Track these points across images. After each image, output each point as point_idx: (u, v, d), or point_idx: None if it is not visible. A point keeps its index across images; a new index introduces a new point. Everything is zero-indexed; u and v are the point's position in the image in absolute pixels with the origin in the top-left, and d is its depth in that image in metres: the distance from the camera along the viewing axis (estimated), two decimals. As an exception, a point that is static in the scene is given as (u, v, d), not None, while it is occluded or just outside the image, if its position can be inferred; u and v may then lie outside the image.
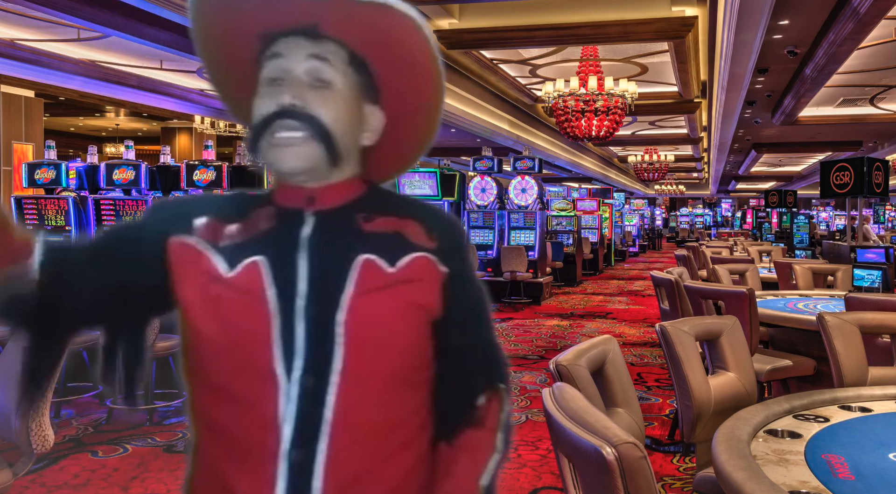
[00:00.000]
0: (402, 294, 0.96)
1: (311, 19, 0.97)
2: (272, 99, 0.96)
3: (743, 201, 38.37)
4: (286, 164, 0.95)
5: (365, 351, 0.93)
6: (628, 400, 2.05)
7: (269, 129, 0.94)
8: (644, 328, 8.34)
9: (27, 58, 9.56)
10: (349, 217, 0.99)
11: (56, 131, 17.42)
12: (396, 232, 0.99)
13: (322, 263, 0.95)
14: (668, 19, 8.93)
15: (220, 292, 0.94)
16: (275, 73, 0.97)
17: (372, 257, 0.96)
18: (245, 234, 0.98)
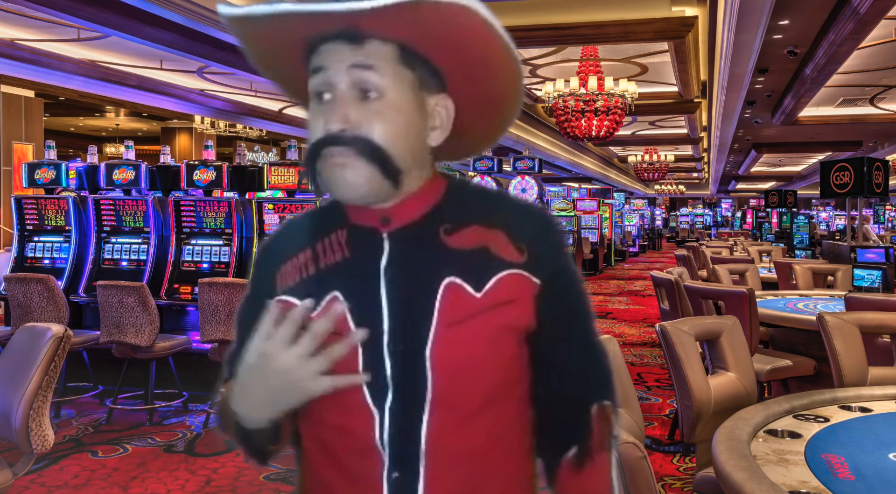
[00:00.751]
0: (492, 320, 0.90)
1: (349, 22, 0.86)
2: (319, 120, 0.90)
3: (743, 201, 38.38)
4: (341, 192, 0.90)
5: (454, 381, 0.89)
6: (628, 400, 2.06)
7: (319, 156, 0.89)
8: (644, 328, 8.34)
9: (27, 58, 9.56)
10: (429, 233, 0.93)
11: (56, 131, 17.42)
12: (482, 247, 0.92)
13: (404, 293, 0.90)
14: (668, 19, 8.93)
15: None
16: (319, 87, 0.90)
17: (457, 281, 0.90)
18: (321, 262, 0.94)
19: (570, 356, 0.98)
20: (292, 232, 1.01)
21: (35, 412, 2.30)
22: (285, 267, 0.97)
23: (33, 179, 5.91)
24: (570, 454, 0.98)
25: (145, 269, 5.41)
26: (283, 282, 0.96)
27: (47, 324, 2.43)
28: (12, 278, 4.89)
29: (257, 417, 0.90)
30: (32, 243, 5.81)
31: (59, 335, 2.36)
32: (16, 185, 11.10)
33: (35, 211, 5.82)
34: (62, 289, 5.06)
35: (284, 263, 0.97)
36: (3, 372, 2.41)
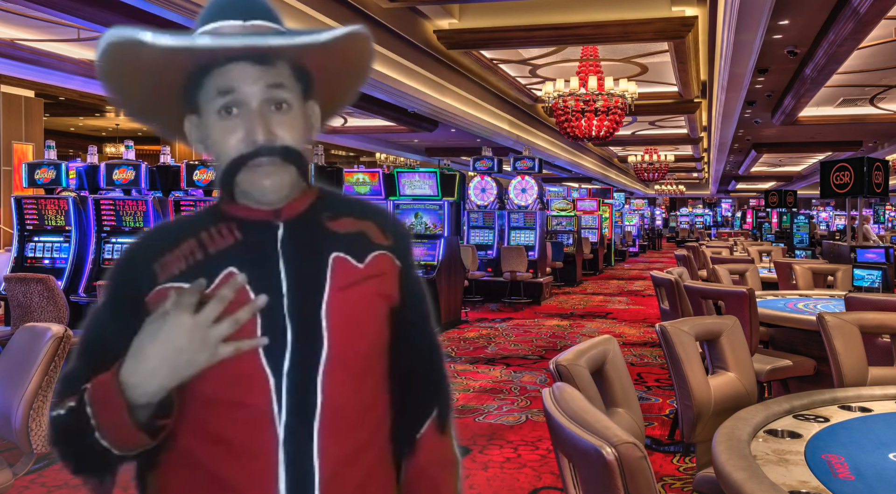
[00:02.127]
0: (372, 286, 1.05)
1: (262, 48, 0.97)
2: (234, 134, 0.97)
3: (743, 201, 38.38)
4: (272, 196, 0.99)
5: (346, 341, 1.00)
6: (628, 400, 2.05)
7: (244, 166, 0.97)
8: (644, 328, 8.34)
9: (27, 58, 9.56)
10: (315, 220, 1.05)
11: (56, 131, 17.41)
12: (359, 231, 1.07)
13: (300, 264, 1.00)
14: (668, 19, 8.93)
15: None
16: (229, 104, 0.97)
17: (343, 255, 1.03)
18: (206, 251, 1.00)
19: (422, 337, 1.14)
20: (161, 235, 1.05)
21: (35, 412, 2.30)
22: (163, 260, 1.00)
23: (33, 179, 5.92)
24: (433, 417, 1.13)
25: (145, 269, 5.41)
26: (165, 273, 0.99)
27: (47, 324, 2.43)
28: (12, 278, 4.89)
29: (154, 386, 0.90)
30: (32, 243, 5.81)
31: (59, 335, 2.36)
32: (16, 185, 11.10)
33: (35, 211, 5.82)
34: (62, 289, 5.07)
35: (160, 257, 1.00)
36: (3, 372, 2.41)
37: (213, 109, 0.98)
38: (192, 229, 1.02)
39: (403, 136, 17.76)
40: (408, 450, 1.12)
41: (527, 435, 4.22)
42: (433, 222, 8.47)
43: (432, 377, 1.15)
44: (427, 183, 8.59)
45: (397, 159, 21.19)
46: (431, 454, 1.12)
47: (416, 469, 1.12)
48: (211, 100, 0.98)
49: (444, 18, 9.58)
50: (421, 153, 21.15)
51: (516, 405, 4.93)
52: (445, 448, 1.14)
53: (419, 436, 1.12)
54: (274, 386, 0.96)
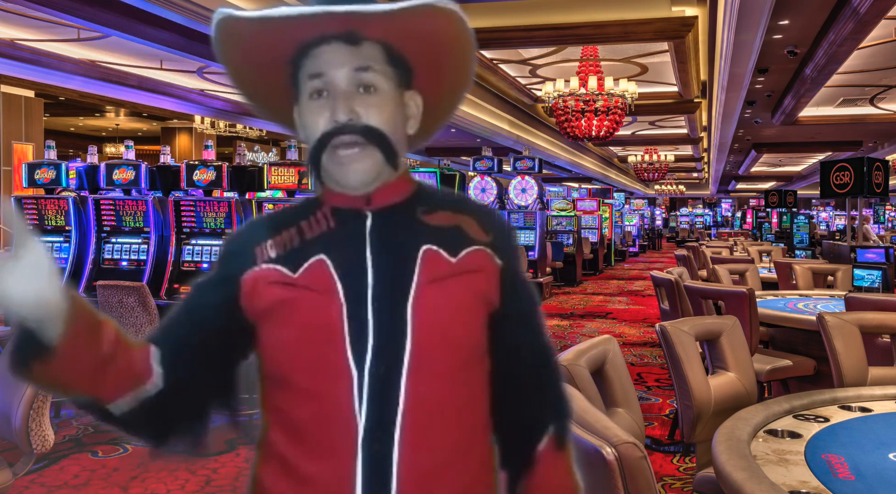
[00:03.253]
0: (466, 282, 0.99)
1: (352, 27, 0.97)
2: (322, 115, 0.97)
3: (743, 201, 38.37)
4: (353, 179, 0.98)
5: (433, 338, 0.95)
6: (628, 400, 2.06)
7: (327, 147, 0.96)
8: (644, 328, 8.34)
9: (27, 58, 9.56)
10: (409, 211, 1.02)
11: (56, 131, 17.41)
12: (455, 226, 1.02)
13: (388, 255, 0.98)
14: (668, 19, 8.93)
15: (289, 294, 0.97)
16: (320, 86, 0.98)
17: (435, 248, 0.99)
18: (303, 237, 1.00)
19: (531, 343, 1.07)
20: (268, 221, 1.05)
21: (35, 412, 2.30)
22: (266, 245, 1.01)
23: (33, 179, 5.91)
24: (550, 432, 1.05)
25: (145, 269, 5.41)
26: (263, 256, 1.00)
27: (47, 324, 2.42)
28: (12, 278, 4.88)
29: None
30: (32, 243, 5.81)
31: (59, 335, 2.36)
32: (16, 185, 11.09)
33: (35, 211, 5.82)
34: (62, 289, 5.06)
35: (263, 242, 1.01)
36: (3, 372, 2.41)
37: (305, 93, 0.99)
38: (294, 217, 1.03)
39: (403, 136, 17.73)
40: (524, 468, 1.06)
41: (527, 435, 4.22)
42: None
43: (547, 390, 1.08)
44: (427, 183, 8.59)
45: (397, 159, 21.15)
46: (551, 470, 1.06)
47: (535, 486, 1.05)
48: (304, 83, 0.99)
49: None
50: (421, 153, 21.15)
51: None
52: (565, 468, 1.07)
53: (537, 453, 1.05)
54: (357, 380, 0.93)
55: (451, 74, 1.06)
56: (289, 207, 1.07)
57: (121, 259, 5.58)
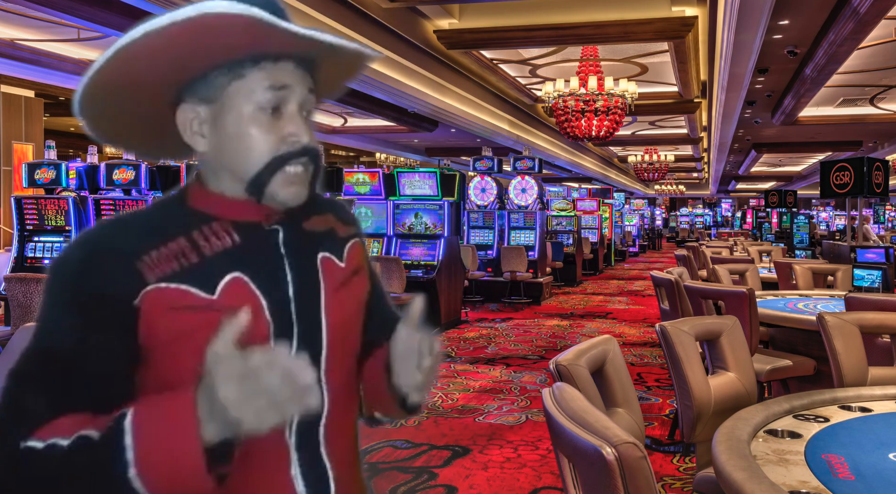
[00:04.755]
0: (356, 285, 1.07)
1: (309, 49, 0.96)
2: (271, 132, 0.94)
3: (743, 201, 38.37)
4: (297, 199, 0.97)
5: (341, 341, 1.02)
6: (628, 400, 2.05)
7: (282, 166, 0.94)
8: (644, 328, 8.34)
9: (27, 58, 9.56)
10: (296, 220, 1.02)
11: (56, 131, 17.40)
12: (329, 228, 1.07)
13: (299, 268, 0.99)
14: (668, 19, 8.93)
15: (206, 318, 0.88)
16: (275, 100, 0.95)
17: (327, 255, 1.03)
18: (201, 252, 0.92)
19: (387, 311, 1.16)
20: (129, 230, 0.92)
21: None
22: (146, 258, 0.89)
23: (33, 180, 5.92)
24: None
25: (145, 269, 5.40)
26: (153, 272, 0.88)
27: (47, 324, 2.42)
28: (12, 278, 4.89)
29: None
30: (32, 243, 5.81)
31: (59, 335, 2.36)
32: (16, 185, 11.09)
33: (35, 211, 5.82)
34: (62, 289, 5.06)
35: (140, 255, 0.89)
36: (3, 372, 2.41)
37: (252, 103, 0.93)
38: (169, 226, 0.93)
39: (403, 136, 17.76)
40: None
41: (527, 435, 4.22)
42: (433, 222, 8.47)
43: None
44: (427, 183, 8.60)
45: (397, 159, 21.19)
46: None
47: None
48: (252, 93, 0.93)
49: (444, 18, 9.57)
50: (421, 153, 21.15)
51: (516, 405, 4.93)
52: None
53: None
54: None
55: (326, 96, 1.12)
56: (143, 213, 0.96)
57: (121, 259, 5.57)
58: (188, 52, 0.91)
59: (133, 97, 0.96)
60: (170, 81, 0.95)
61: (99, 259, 0.88)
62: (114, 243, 0.90)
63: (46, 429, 0.82)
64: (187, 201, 0.98)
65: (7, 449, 0.81)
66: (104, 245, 0.90)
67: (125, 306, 0.88)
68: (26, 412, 0.84)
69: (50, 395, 0.85)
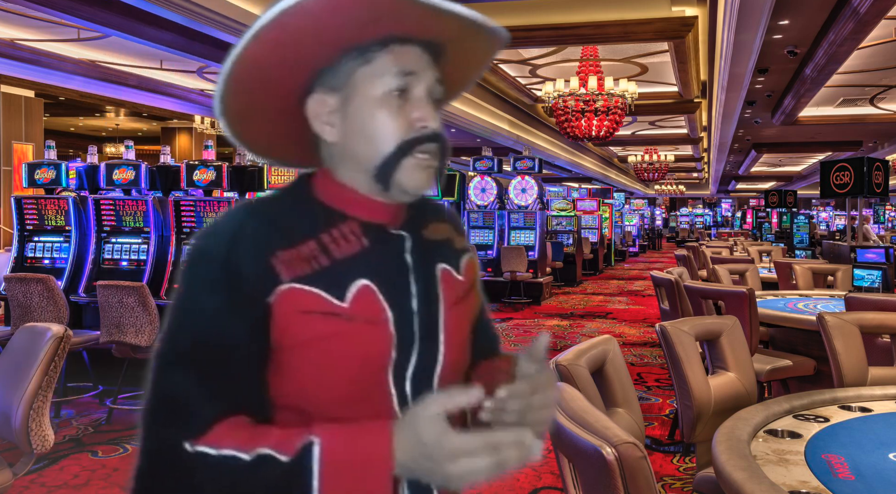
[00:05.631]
0: (471, 301, 1.03)
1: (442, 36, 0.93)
2: (399, 116, 0.91)
3: (743, 201, 38.37)
4: (423, 186, 0.94)
5: (455, 355, 0.98)
6: (628, 400, 2.06)
7: (411, 151, 0.91)
8: (644, 328, 8.34)
9: (27, 58, 9.56)
10: (418, 226, 0.99)
11: (56, 131, 17.42)
12: (447, 238, 1.03)
13: (422, 279, 0.95)
14: (668, 19, 8.93)
15: (337, 327, 0.87)
16: (403, 84, 0.92)
17: (447, 267, 0.99)
18: (331, 254, 0.90)
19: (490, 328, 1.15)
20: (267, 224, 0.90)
21: (35, 412, 2.30)
22: (281, 256, 0.87)
23: (33, 180, 5.91)
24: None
25: (145, 269, 5.41)
26: (287, 271, 0.87)
27: (47, 324, 2.43)
28: (12, 278, 4.89)
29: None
30: (32, 243, 5.81)
31: (59, 335, 2.36)
32: (16, 185, 11.10)
33: (35, 211, 5.82)
34: (62, 289, 5.06)
35: (276, 251, 0.87)
36: (3, 372, 2.41)
37: (379, 88, 0.91)
38: (301, 221, 0.91)
39: (403, 136, 17.74)
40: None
41: (527, 435, 4.22)
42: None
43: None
44: (427, 183, 8.59)
45: (397, 159, 21.17)
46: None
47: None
48: (380, 77, 0.91)
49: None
50: (421, 153, 21.13)
51: (516, 405, 4.92)
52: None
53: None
54: (397, 405, 0.91)
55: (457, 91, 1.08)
56: (273, 200, 0.94)
57: (121, 259, 5.58)
58: (323, 30, 0.88)
59: (267, 89, 0.93)
60: (301, 68, 0.92)
61: (240, 247, 0.87)
62: (254, 234, 0.88)
63: (213, 435, 0.82)
64: (315, 192, 0.95)
65: (174, 451, 0.81)
66: (244, 234, 0.88)
67: (261, 300, 0.86)
68: (186, 409, 0.83)
69: (206, 390, 0.84)
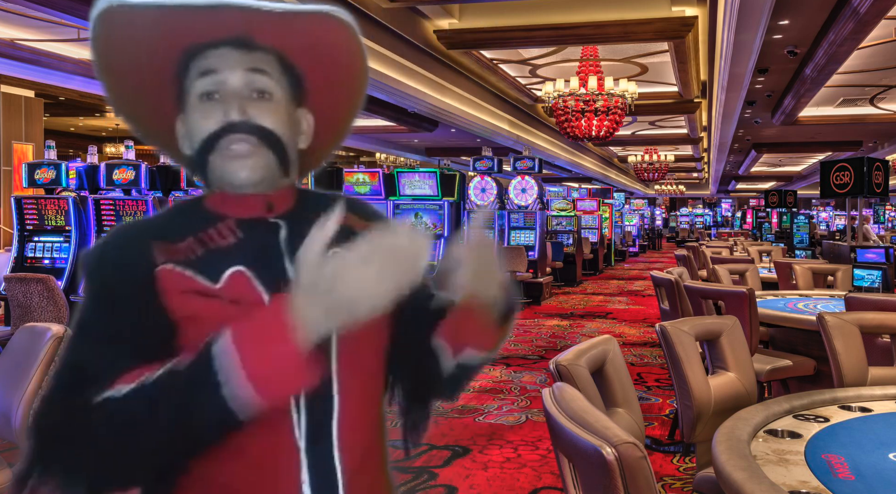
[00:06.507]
0: None
1: (245, 30, 0.96)
2: (211, 116, 0.95)
3: (743, 201, 38.37)
4: (241, 176, 0.96)
5: (353, 342, 0.97)
6: (628, 400, 2.06)
7: (217, 145, 0.94)
8: (644, 328, 8.34)
9: (27, 58, 9.56)
10: (304, 216, 1.00)
11: (56, 131, 17.41)
12: (346, 226, 1.01)
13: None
14: (668, 19, 8.93)
15: (210, 306, 0.92)
16: (209, 87, 0.96)
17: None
18: (207, 246, 0.95)
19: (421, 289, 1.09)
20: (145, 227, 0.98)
21: (35, 412, 2.30)
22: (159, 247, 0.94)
23: (33, 180, 5.92)
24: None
25: (145, 269, 5.41)
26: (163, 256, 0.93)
27: (47, 324, 2.43)
28: (12, 278, 4.89)
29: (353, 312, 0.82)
30: (32, 243, 5.81)
31: (59, 335, 2.36)
32: (16, 185, 11.10)
33: (35, 211, 5.82)
34: (62, 289, 5.07)
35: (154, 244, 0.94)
36: (3, 372, 2.41)
37: (194, 95, 0.97)
38: (183, 225, 0.98)
39: (403, 136, 17.76)
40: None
41: (527, 435, 4.22)
42: (433, 222, 8.47)
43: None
44: (427, 183, 8.60)
45: (397, 159, 21.20)
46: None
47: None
48: (192, 84, 0.97)
49: (444, 18, 9.57)
50: (421, 153, 21.15)
51: (516, 405, 4.93)
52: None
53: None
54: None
55: (343, 92, 1.07)
56: (162, 213, 1.01)
57: (121, 259, 5.57)
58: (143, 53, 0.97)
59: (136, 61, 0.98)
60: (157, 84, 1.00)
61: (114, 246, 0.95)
62: (128, 233, 0.97)
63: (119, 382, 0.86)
64: (205, 202, 1.01)
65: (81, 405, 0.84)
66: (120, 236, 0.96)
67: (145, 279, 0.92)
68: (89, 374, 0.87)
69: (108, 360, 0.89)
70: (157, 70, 0.99)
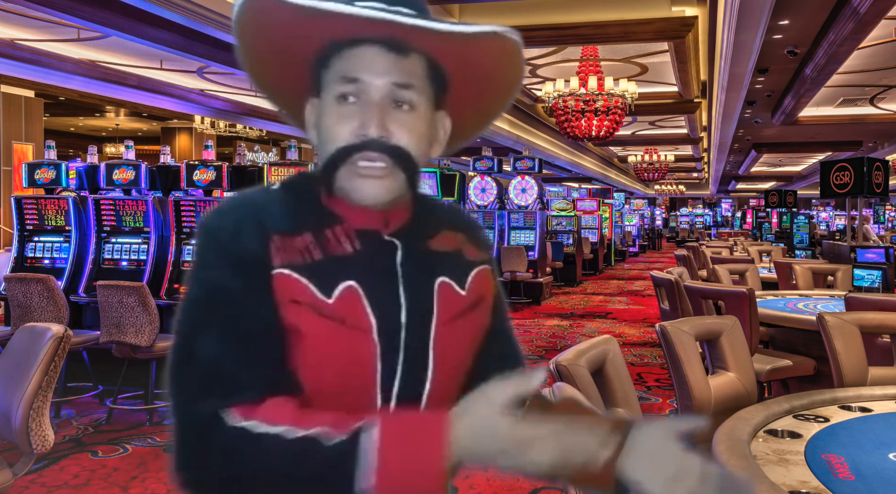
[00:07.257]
0: (474, 319, 0.97)
1: (401, 34, 0.88)
2: (348, 123, 0.89)
3: (743, 201, 38.37)
4: (369, 196, 0.89)
5: (448, 373, 0.94)
6: (628, 400, 2.06)
7: (349, 158, 0.88)
8: (644, 328, 8.34)
9: (27, 58, 9.56)
10: (420, 236, 0.96)
11: (56, 131, 17.41)
12: (457, 250, 0.99)
13: (414, 291, 0.92)
14: (668, 19, 8.93)
15: (319, 324, 0.87)
16: (351, 90, 0.89)
17: (447, 281, 0.95)
18: (327, 250, 0.90)
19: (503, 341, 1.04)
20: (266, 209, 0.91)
21: (35, 412, 2.30)
22: (277, 241, 0.88)
23: (33, 180, 5.91)
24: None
25: (145, 269, 5.41)
26: (280, 257, 0.87)
27: (47, 324, 2.43)
28: (12, 278, 4.89)
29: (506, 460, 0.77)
30: (32, 243, 5.81)
31: (59, 335, 2.36)
32: (16, 185, 11.10)
33: (35, 211, 5.82)
34: (62, 289, 5.06)
35: (273, 235, 0.88)
36: (3, 372, 2.41)
37: (331, 94, 0.90)
38: (301, 216, 0.91)
39: (403, 136, 17.73)
40: None
41: (527, 435, 4.22)
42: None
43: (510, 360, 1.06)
44: (427, 183, 8.59)
45: (397, 159, 21.16)
46: None
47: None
48: (332, 82, 0.90)
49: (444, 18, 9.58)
50: (421, 153, 21.12)
51: (516, 405, 4.93)
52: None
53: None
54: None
55: (488, 103, 1.01)
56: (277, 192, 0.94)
57: (121, 259, 5.58)
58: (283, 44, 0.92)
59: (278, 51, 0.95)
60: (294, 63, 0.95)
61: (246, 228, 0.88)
62: (250, 216, 0.89)
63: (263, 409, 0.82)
64: (319, 195, 0.94)
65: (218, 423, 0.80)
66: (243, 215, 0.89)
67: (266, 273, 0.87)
68: (223, 379, 0.83)
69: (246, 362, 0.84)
70: (294, 57, 0.94)
